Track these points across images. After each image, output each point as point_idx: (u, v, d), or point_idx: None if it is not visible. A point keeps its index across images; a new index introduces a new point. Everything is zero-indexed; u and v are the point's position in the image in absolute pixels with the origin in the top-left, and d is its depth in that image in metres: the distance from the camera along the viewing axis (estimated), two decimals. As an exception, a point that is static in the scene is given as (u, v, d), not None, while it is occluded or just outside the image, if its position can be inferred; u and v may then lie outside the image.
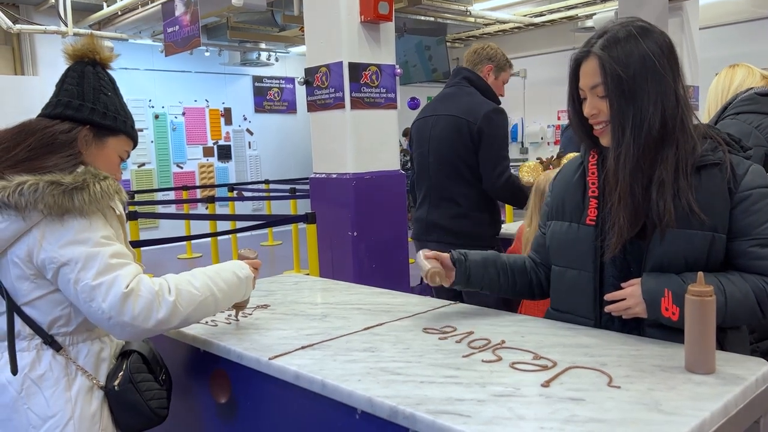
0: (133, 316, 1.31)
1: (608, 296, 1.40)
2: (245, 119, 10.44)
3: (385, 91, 4.21)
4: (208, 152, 10.02)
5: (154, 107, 9.45)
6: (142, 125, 9.25)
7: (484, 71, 2.94)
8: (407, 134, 11.00)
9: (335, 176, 4.14)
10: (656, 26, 1.41)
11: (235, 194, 8.92)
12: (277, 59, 10.04)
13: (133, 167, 9.23)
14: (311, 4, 4.19)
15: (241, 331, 1.60)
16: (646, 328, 1.39)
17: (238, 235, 6.20)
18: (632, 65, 1.35)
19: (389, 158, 4.29)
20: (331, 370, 1.27)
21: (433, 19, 7.69)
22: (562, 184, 1.59)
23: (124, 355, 1.50)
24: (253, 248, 1.70)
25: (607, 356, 1.27)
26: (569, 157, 2.68)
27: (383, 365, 1.28)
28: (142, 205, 7.52)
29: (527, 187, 2.70)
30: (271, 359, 1.36)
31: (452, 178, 2.84)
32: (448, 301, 1.79)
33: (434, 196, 2.89)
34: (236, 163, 10.33)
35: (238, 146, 10.34)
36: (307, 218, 4.07)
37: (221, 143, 10.16)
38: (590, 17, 8.13)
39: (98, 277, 1.30)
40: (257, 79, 10.46)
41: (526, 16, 8.62)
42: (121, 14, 7.51)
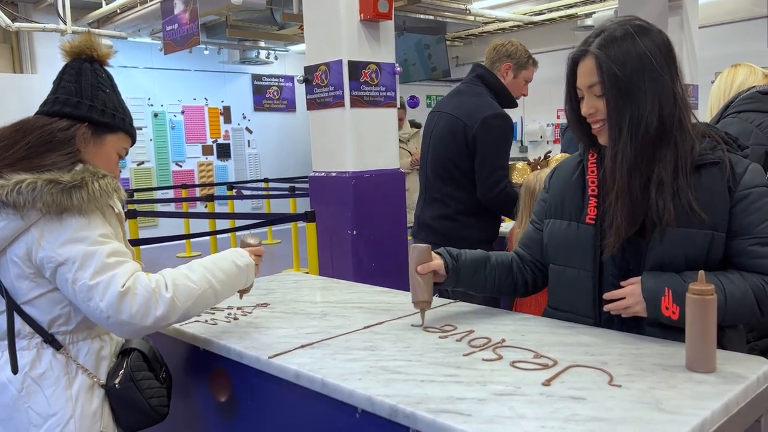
0: (130, 314, 1.31)
1: (607, 295, 1.39)
2: (244, 118, 10.42)
3: (384, 89, 4.20)
4: (207, 151, 10.01)
5: (153, 105, 9.44)
6: (141, 123, 9.23)
7: (502, 69, 2.79)
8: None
9: (335, 175, 4.13)
10: (654, 25, 1.40)
11: (234, 193, 8.91)
12: (276, 57, 10.04)
13: (132, 166, 9.22)
14: (311, 2, 4.18)
15: (240, 329, 1.59)
16: (645, 326, 1.39)
17: (237, 233, 6.20)
18: (629, 64, 1.34)
19: (389, 157, 4.28)
20: (331, 368, 1.27)
21: (432, 17, 7.68)
22: (560, 182, 1.58)
23: (124, 353, 1.49)
24: (256, 234, 1.69)
25: (607, 355, 1.27)
26: (557, 158, 2.68)
27: (383, 364, 1.28)
28: (141, 203, 7.52)
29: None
30: (271, 358, 1.36)
31: (444, 178, 2.77)
32: (448, 299, 1.79)
33: (428, 194, 2.85)
34: (235, 161, 10.32)
35: (237, 145, 10.33)
36: (306, 217, 4.06)
37: (220, 142, 10.14)
38: (590, 16, 8.12)
39: (95, 276, 1.30)
40: (256, 77, 10.45)
41: (525, 14, 8.61)
42: (120, 12, 7.50)
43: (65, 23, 7.14)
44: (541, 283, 1.66)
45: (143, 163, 9.36)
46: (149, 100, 9.38)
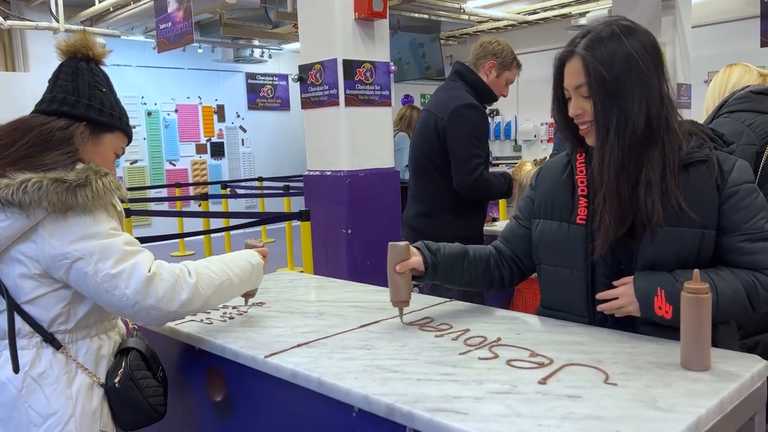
0: (158, 298, 1.34)
1: (600, 295, 1.40)
2: (238, 116, 10.40)
3: (379, 88, 4.21)
4: (201, 149, 9.98)
5: (146, 104, 9.40)
6: (134, 122, 9.16)
7: (485, 67, 2.79)
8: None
9: (329, 173, 4.13)
10: (641, 25, 1.41)
11: (228, 192, 8.89)
12: (270, 56, 10.01)
13: (125, 164, 9.18)
14: (305, 0, 4.18)
15: (236, 328, 1.59)
16: (639, 325, 1.40)
17: (231, 232, 6.19)
18: (616, 65, 1.34)
19: (383, 155, 4.28)
20: (327, 368, 1.27)
21: (426, 16, 7.69)
22: (549, 182, 1.58)
23: (122, 352, 1.49)
24: (258, 238, 1.73)
25: (602, 353, 1.28)
26: None
27: (380, 363, 1.28)
28: (134, 202, 7.48)
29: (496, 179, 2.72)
30: (267, 357, 1.36)
31: (422, 175, 2.79)
32: (443, 298, 1.79)
33: (410, 193, 2.90)
34: (229, 160, 10.29)
35: (231, 143, 10.30)
36: (301, 216, 4.06)
37: (214, 140, 10.12)
38: (583, 15, 8.14)
39: (117, 265, 1.32)
40: (250, 76, 10.43)
41: (519, 13, 8.62)
42: (113, 10, 7.47)
43: (58, 21, 7.11)
44: (517, 278, 1.67)
45: (137, 161, 9.32)
46: (143, 98, 9.35)
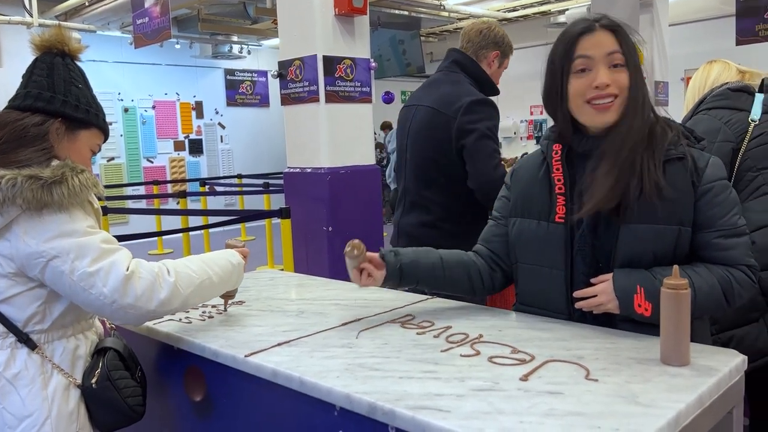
0: (136, 296, 1.32)
1: (578, 293, 1.40)
2: (217, 113, 10.31)
3: (359, 84, 4.19)
4: (179, 146, 9.88)
5: (123, 100, 9.28)
6: (111, 119, 9.01)
7: (489, 58, 2.49)
8: (386, 127, 10.97)
9: (310, 170, 4.11)
10: None
11: (207, 189, 8.81)
12: (249, 52, 9.94)
13: (102, 161, 9.06)
14: (285, -4, 4.15)
15: (216, 327, 1.57)
16: (618, 322, 1.40)
17: (210, 230, 6.13)
18: (633, 44, 1.38)
19: (365, 152, 4.27)
20: (308, 366, 1.26)
21: (407, 13, 7.68)
22: (525, 180, 1.56)
23: (99, 352, 1.47)
24: (238, 238, 1.72)
25: (583, 349, 1.28)
26: None
27: (361, 361, 1.27)
28: (111, 200, 7.38)
29: None
30: (247, 356, 1.34)
31: (425, 181, 2.41)
32: (424, 296, 1.78)
33: (408, 199, 2.49)
34: (208, 157, 10.21)
35: (209, 140, 10.22)
36: (281, 213, 4.03)
37: (192, 137, 10.02)
38: (563, 13, 8.21)
39: (94, 263, 1.30)
40: (229, 72, 10.34)
41: (499, 11, 8.66)
42: (88, 5, 7.35)
43: (31, 16, 6.97)
44: (500, 281, 1.62)
45: (113, 159, 9.20)
46: (119, 94, 9.23)
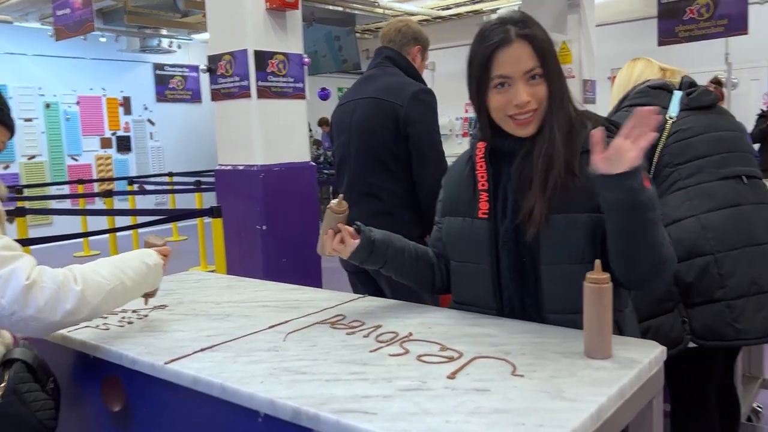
0: (38, 308, 1.23)
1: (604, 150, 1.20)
2: (146, 109, 9.97)
3: (293, 80, 4.13)
4: (105, 144, 9.50)
5: (44, 95, 8.84)
6: (31, 115, 8.63)
7: (413, 53, 2.57)
8: (324, 123, 10.87)
9: (242, 168, 4.02)
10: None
11: (135, 188, 8.50)
12: (179, 46, 9.66)
13: (22, 160, 8.59)
14: (213, -12, 4.04)
15: (135, 334, 1.50)
16: (548, 314, 1.42)
17: (140, 230, 5.90)
18: (551, 43, 1.39)
19: (299, 149, 4.21)
20: (231, 372, 1.21)
21: (341, 9, 7.63)
22: (454, 180, 1.57)
23: (4, 365, 1.37)
24: (159, 235, 1.63)
25: (510, 345, 1.28)
26: None
27: (287, 365, 1.23)
28: (32, 200, 7.01)
29: None
30: (166, 363, 1.28)
31: (374, 170, 2.43)
32: (357, 294, 1.76)
33: (354, 191, 2.46)
34: (137, 155, 9.85)
35: (138, 137, 9.86)
36: (212, 212, 3.92)
37: (120, 134, 9.65)
38: (494, 12, 8.35)
39: None
40: (158, 66, 10.02)
41: (433, 8, 8.73)
42: (3, -6, 6.94)
43: (-61, 4, 6.53)
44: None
45: (34, 157, 8.74)
46: (40, 89, 8.79)
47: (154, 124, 10.05)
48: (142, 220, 5.19)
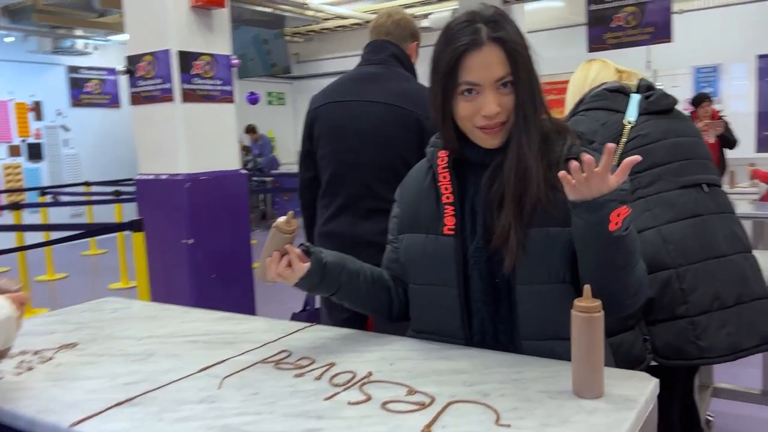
0: None
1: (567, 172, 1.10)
2: (60, 114, 9.31)
3: (220, 82, 3.87)
4: (14, 151, 8.79)
5: (-58, 99, 8.09)
6: (-74, 120, 7.86)
7: (410, 49, 2.31)
8: (251, 130, 10.51)
9: (165, 177, 3.71)
10: None
11: (48, 199, 7.87)
12: (95, 48, 9.09)
13: None
14: (131, -17, 3.73)
15: (35, 384, 1.23)
16: (522, 342, 1.26)
17: (53, 246, 5.41)
18: (526, 46, 1.22)
19: (228, 156, 3.95)
20: (156, 436, 0.98)
21: (270, 10, 7.36)
22: (412, 192, 1.40)
23: None
24: (14, 277, 1.29)
25: (487, 383, 1.12)
26: None
27: (225, 422, 1.02)
28: (-72, 214, 6.34)
29: None
30: (73, 425, 1.04)
31: (390, 183, 2.00)
32: (302, 323, 1.55)
33: (364, 205, 2.17)
34: (50, 163, 9.18)
35: (51, 144, 9.20)
36: (132, 226, 3.59)
37: (31, 141, 8.97)
38: (426, 17, 8.29)
39: None
40: (73, 69, 9.39)
41: (366, 12, 8.58)
42: None
43: None
44: (406, 311, 1.44)
45: (-69, 166, 7.99)
46: (-63, 92, 8.03)
47: (68, 130, 9.40)
48: (56, 235, 4.75)
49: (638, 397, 1.04)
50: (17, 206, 6.07)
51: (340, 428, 0.98)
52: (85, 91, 9.55)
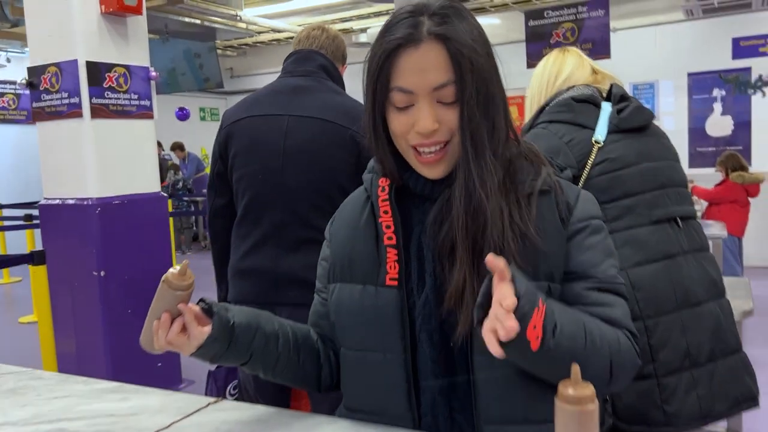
0: None
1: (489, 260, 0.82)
2: (-31, 131, 8.60)
3: (137, 97, 3.50)
4: None
5: None
6: None
7: (341, 71, 2.09)
8: (178, 148, 10.02)
9: (73, 202, 3.32)
10: None
11: (-47, 224, 7.19)
12: (9, 60, 8.45)
13: None
14: (31, -16, 3.34)
15: None
16: (483, 425, 0.99)
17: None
18: (483, 50, 0.96)
19: (146, 178, 3.58)
20: None
21: (199, 21, 6.98)
22: (346, 231, 1.10)
23: None
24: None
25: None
26: None
27: None
28: None
29: None
30: None
31: (323, 211, 1.81)
32: (205, 399, 1.22)
33: (290, 235, 1.86)
34: (-44, 184, 8.45)
35: (-42, 163, 8.47)
36: (33, 258, 3.17)
37: (-66, 160, 8.23)
38: (364, 31, 8.09)
39: None
40: (-16, 82, 8.71)
41: (300, 25, 8.30)
42: None
43: None
44: (337, 378, 1.15)
45: None
46: None
47: (-22, 147, 8.69)
48: (-51, 266, 4.22)
49: None
50: None
51: None
52: (-3, 106, 8.87)
